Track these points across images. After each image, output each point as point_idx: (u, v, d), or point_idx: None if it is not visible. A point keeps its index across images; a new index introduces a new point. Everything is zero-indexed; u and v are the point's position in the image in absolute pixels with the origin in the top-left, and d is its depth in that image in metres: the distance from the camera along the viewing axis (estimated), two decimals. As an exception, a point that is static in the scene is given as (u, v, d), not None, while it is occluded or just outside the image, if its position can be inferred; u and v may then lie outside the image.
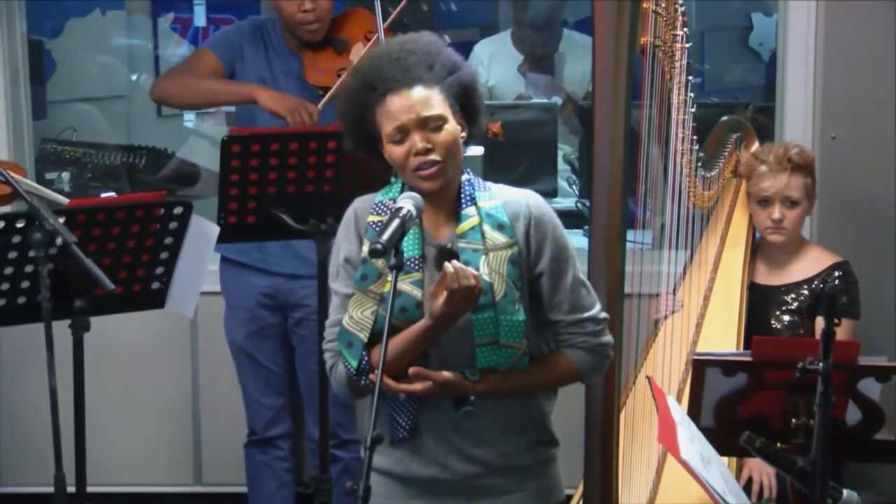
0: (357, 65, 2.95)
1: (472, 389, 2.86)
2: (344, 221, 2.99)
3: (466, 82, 2.91)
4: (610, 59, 3.33)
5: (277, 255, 4.22)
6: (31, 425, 4.23)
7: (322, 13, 4.15)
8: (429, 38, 2.94)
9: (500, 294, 2.84)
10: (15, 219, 3.06)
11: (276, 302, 4.32)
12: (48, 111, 5.80)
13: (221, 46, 4.31)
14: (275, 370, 4.39)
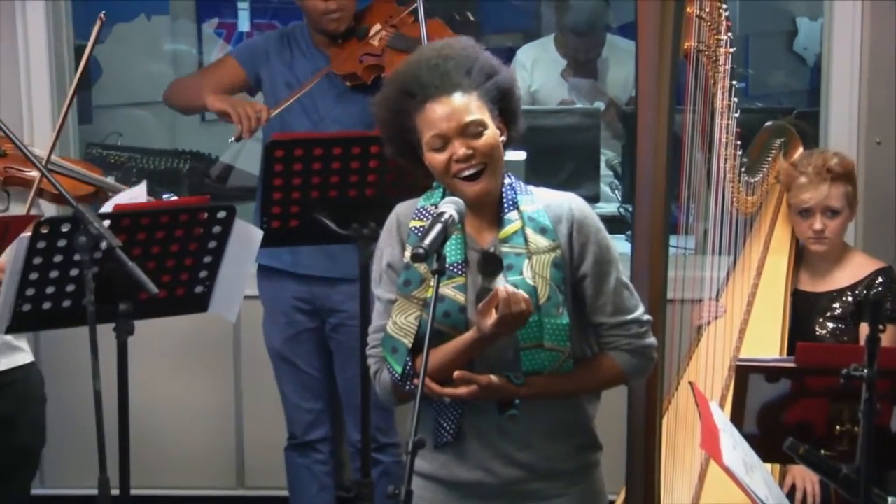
0: (395, 71, 2.95)
1: (517, 393, 2.86)
2: (386, 227, 3.00)
3: (504, 86, 2.90)
4: (653, 64, 3.32)
5: (310, 258, 4.24)
6: (75, 428, 4.26)
7: (345, 2, 4.21)
8: (466, 43, 2.94)
9: (543, 298, 2.83)
10: (60, 223, 3.08)
11: (312, 307, 4.33)
12: (94, 116, 5.84)
13: (245, 55, 4.40)
14: (313, 374, 4.40)
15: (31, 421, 3.98)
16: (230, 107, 4.13)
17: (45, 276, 3.13)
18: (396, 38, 4.23)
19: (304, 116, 4.22)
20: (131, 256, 2.99)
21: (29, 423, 3.97)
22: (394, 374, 2.87)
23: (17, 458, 3.95)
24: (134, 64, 6.32)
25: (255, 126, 4.11)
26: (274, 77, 4.30)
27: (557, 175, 4.97)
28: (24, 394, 3.95)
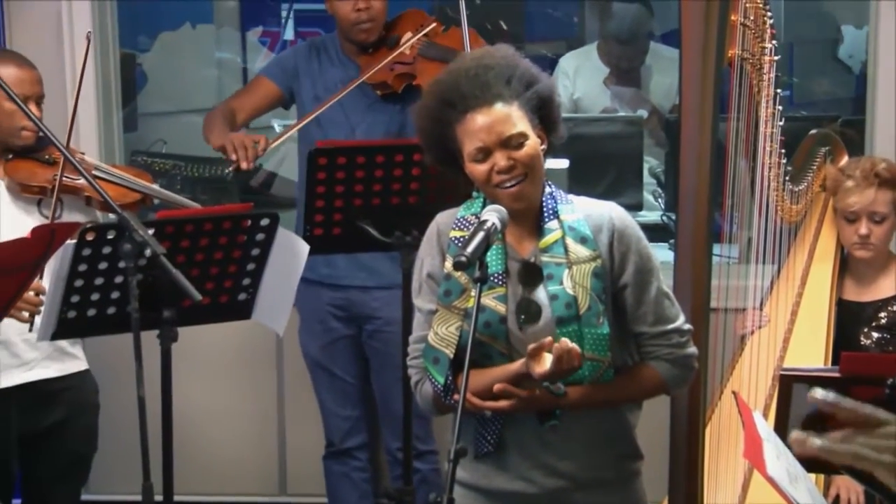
0: (435, 80, 2.95)
1: (558, 403, 2.85)
2: (426, 237, 3.00)
3: (545, 94, 2.90)
4: (697, 72, 3.31)
5: (345, 268, 4.26)
6: (119, 435, 4.27)
7: (376, 13, 4.24)
8: (505, 52, 2.93)
9: (584, 307, 2.83)
10: (105, 230, 3.10)
11: (348, 314, 4.35)
12: (139, 124, 5.88)
13: (275, 71, 4.44)
14: (350, 381, 4.41)
15: (83, 428, 4.01)
16: (227, 142, 4.16)
17: (90, 282, 3.15)
18: (428, 46, 4.24)
19: (336, 128, 4.23)
20: (175, 263, 3.00)
21: (82, 430, 4.00)
22: (436, 385, 2.87)
23: (69, 464, 3.98)
24: (179, 72, 6.36)
25: (251, 155, 4.12)
26: (305, 88, 4.32)
27: (600, 183, 4.95)
28: (78, 401, 3.98)
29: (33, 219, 3.80)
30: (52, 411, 3.90)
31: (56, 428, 3.91)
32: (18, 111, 3.70)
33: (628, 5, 5.79)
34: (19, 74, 3.76)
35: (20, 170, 3.81)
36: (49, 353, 3.87)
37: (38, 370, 3.87)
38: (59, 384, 3.91)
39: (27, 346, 3.79)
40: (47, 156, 3.85)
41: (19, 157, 3.84)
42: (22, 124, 3.77)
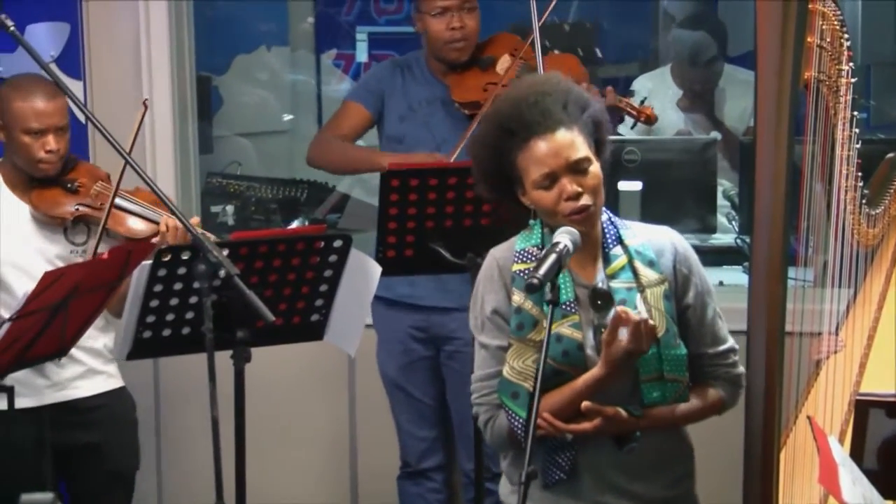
0: (492, 110, 2.95)
1: (637, 425, 2.84)
2: (485, 274, 2.98)
3: (598, 118, 2.90)
4: (773, 94, 3.28)
5: (426, 289, 4.25)
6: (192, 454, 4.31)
7: (469, 32, 4.25)
8: (557, 77, 2.94)
9: (661, 330, 2.83)
10: (181, 251, 3.13)
11: (427, 335, 4.35)
12: (214, 145, 5.93)
13: (363, 95, 4.45)
14: (427, 403, 4.41)
15: (122, 445, 4.06)
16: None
17: (165, 303, 3.18)
18: (526, 69, 4.23)
19: (421, 146, 4.24)
20: (249, 284, 3.03)
21: (120, 447, 4.05)
22: (517, 419, 2.85)
23: (109, 481, 4.03)
24: (254, 94, 6.41)
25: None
26: (390, 107, 4.34)
27: (673, 206, 4.93)
28: (114, 418, 4.04)
29: (59, 245, 3.88)
30: (87, 429, 3.96)
31: (93, 445, 3.97)
32: (36, 143, 3.80)
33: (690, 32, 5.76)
34: (39, 107, 3.81)
35: (45, 199, 3.87)
36: (80, 373, 3.93)
37: (70, 390, 3.94)
38: (92, 402, 3.97)
39: (56, 367, 3.83)
40: (70, 184, 3.90)
41: (44, 185, 3.90)
42: (39, 156, 3.83)
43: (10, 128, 3.85)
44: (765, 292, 3.33)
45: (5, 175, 3.93)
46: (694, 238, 4.80)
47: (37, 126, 3.81)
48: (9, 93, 3.87)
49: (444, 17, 4.23)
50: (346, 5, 6.70)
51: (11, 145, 3.87)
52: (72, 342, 3.48)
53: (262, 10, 6.52)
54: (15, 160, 3.90)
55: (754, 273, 3.36)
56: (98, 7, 4.89)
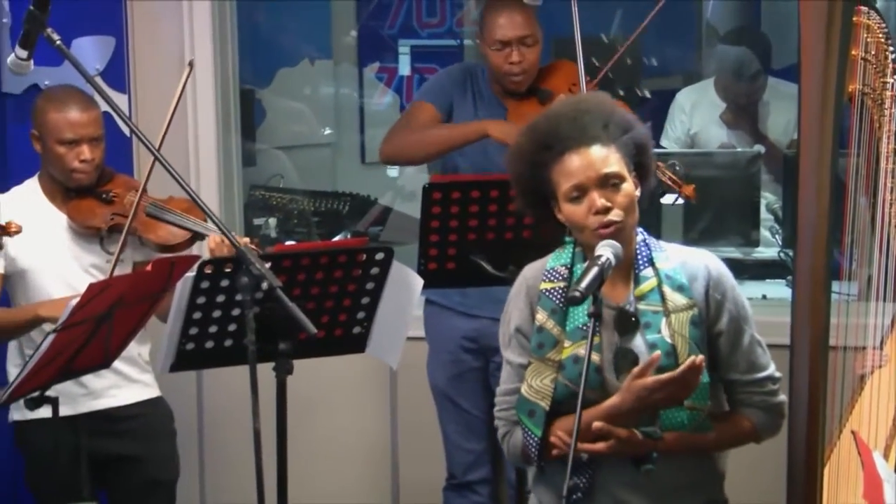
0: (531, 124, 2.95)
1: (654, 447, 2.83)
2: (514, 291, 3.00)
3: (640, 141, 2.89)
4: (817, 107, 3.27)
5: (477, 299, 4.24)
6: (234, 466, 4.32)
7: (529, 65, 4.20)
8: (602, 97, 2.94)
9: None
10: (223, 263, 3.15)
11: (478, 345, 4.33)
12: (257, 158, 5.96)
13: (435, 95, 4.38)
14: (476, 414, 4.39)
15: (161, 455, 4.08)
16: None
17: (208, 315, 3.20)
18: None
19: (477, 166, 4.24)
20: (291, 297, 3.03)
21: (159, 456, 4.07)
22: (532, 437, 2.86)
23: (148, 491, 4.05)
24: (297, 107, 6.44)
25: None
26: (460, 115, 4.31)
27: (716, 219, 4.91)
28: (150, 427, 4.07)
29: (95, 255, 3.91)
30: (123, 438, 3.99)
31: (130, 454, 3.99)
32: (70, 153, 3.85)
33: (733, 48, 5.74)
34: (73, 118, 3.86)
35: (80, 210, 3.91)
36: (115, 382, 3.97)
37: (106, 399, 3.97)
38: (128, 411, 4.00)
39: (93, 377, 3.86)
40: (105, 195, 3.93)
41: (80, 195, 3.93)
42: (73, 166, 3.87)
43: (45, 138, 3.90)
44: (808, 306, 3.31)
45: (43, 185, 3.98)
46: (737, 252, 4.78)
47: (70, 136, 3.85)
48: (44, 104, 3.92)
49: (503, 51, 4.19)
50: (388, 19, 6.72)
51: (47, 156, 3.92)
52: (115, 354, 3.50)
53: (306, 24, 6.55)
54: (51, 171, 3.94)
55: (798, 287, 3.34)
56: (143, 21, 4.93)
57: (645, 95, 6.07)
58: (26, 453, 4.00)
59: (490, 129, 4.12)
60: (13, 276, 3.91)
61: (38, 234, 3.88)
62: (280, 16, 6.42)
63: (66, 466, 3.81)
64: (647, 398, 2.76)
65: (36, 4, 3.09)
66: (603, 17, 6.38)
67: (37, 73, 4.46)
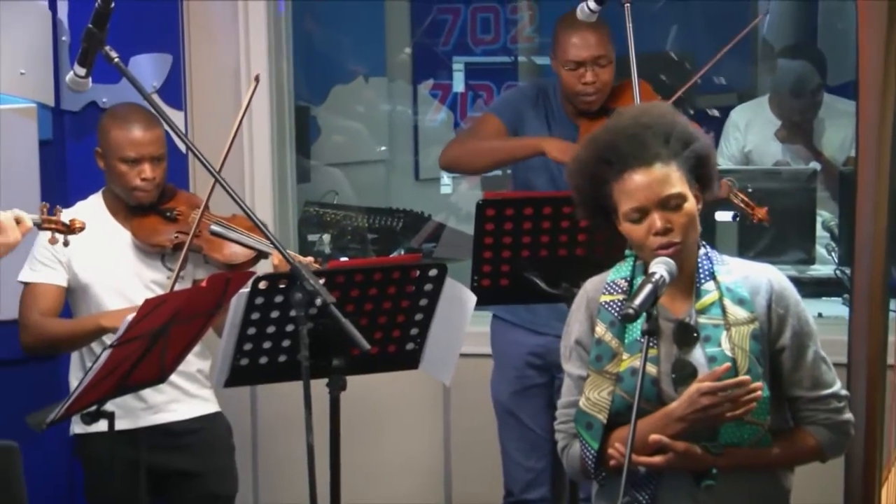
0: (591, 137, 2.94)
1: (713, 463, 2.81)
2: (575, 304, 3.00)
3: (702, 153, 2.87)
4: (874, 123, 3.25)
5: (546, 315, 4.22)
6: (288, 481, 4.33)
7: (602, 85, 4.17)
8: (663, 110, 2.92)
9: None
10: (278, 279, 3.16)
11: (544, 362, 4.31)
12: (311, 175, 5.99)
13: (505, 111, 4.37)
14: (538, 432, 4.35)
15: (219, 470, 4.10)
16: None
17: (262, 331, 3.21)
18: None
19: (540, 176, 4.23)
20: (345, 313, 3.04)
21: (217, 471, 4.09)
22: (589, 450, 2.85)
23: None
24: (351, 124, 6.46)
25: None
26: (531, 132, 4.29)
27: (772, 236, 4.88)
28: (209, 442, 4.09)
29: (157, 272, 3.95)
30: (182, 453, 4.01)
31: (189, 469, 4.01)
32: (132, 171, 3.89)
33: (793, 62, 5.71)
34: (135, 136, 3.90)
35: (144, 227, 3.95)
36: (175, 397, 3.99)
37: (165, 413, 3.99)
38: (187, 426, 4.02)
39: (152, 390, 3.88)
40: (168, 212, 3.96)
41: (143, 213, 3.97)
42: (135, 184, 3.90)
43: (108, 156, 3.94)
44: (865, 324, 3.29)
45: (107, 202, 4.02)
46: (793, 269, 4.75)
47: (133, 155, 3.89)
48: (108, 122, 3.96)
49: (576, 71, 4.16)
50: (443, 36, 6.73)
51: (110, 174, 3.96)
52: (171, 369, 3.52)
53: (360, 41, 6.57)
54: (113, 188, 3.98)
55: (855, 305, 3.32)
56: (200, 39, 4.97)
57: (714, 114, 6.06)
58: (86, 466, 4.04)
59: (546, 146, 4.10)
60: (76, 291, 3.95)
61: (102, 249, 3.92)
62: (335, 33, 6.45)
63: (124, 480, 3.83)
64: (697, 402, 2.74)
65: (94, 23, 3.13)
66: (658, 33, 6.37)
67: (95, 91, 4.50)
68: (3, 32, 4.46)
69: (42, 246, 3.87)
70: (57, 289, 3.93)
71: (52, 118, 4.61)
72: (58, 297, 3.93)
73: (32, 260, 3.92)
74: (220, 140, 3.99)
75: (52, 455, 4.54)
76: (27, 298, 3.92)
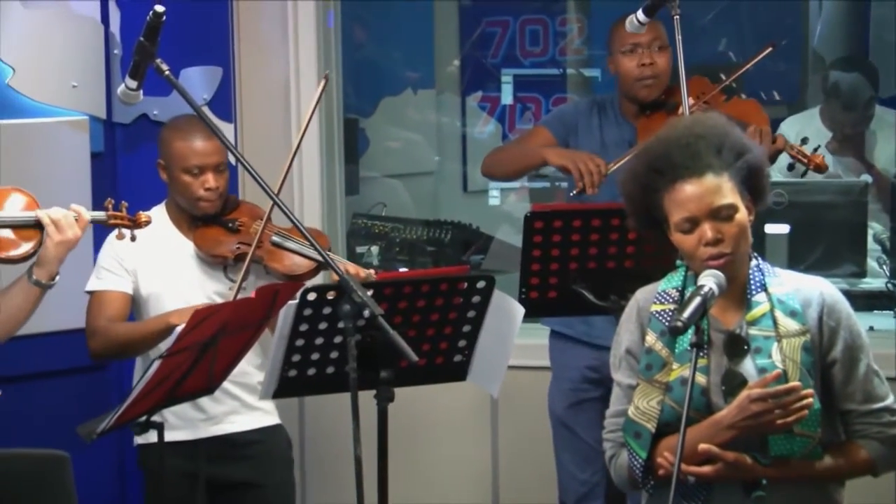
0: (644, 147, 2.94)
1: (763, 473, 2.79)
2: (626, 313, 2.99)
3: (754, 164, 2.86)
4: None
5: (602, 328, 4.21)
6: (336, 492, 4.34)
7: (659, 70, 4.25)
8: (716, 120, 2.91)
9: (794, 381, 2.77)
10: (326, 291, 3.17)
11: (600, 375, 4.29)
12: (360, 187, 6.00)
13: (555, 124, 4.44)
14: (592, 445, 4.32)
15: (277, 482, 4.10)
16: (570, 162, 4.16)
17: (310, 342, 3.21)
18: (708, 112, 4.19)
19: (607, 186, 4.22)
20: (393, 324, 3.04)
21: (275, 484, 4.09)
22: (637, 459, 2.84)
23: None
24: (400, 136, 6.47)
25: (597, 181, 4.11)
26: (581, 145, 4.32)
27: (822, 249, 4.85)
28: (268, 455, 4.09)
29: (219, 283, 3.96)
30: (241, 465, 4.02)
31: (248, 481, 4.01)
32: (195, 182, 3.91)
33: (845, 74, 5.67)
34: (197, 146, 3.92)
35: (207, 238, 3.96)
36: (235, 408, 4.00)
37: (225, 424, 4.00)
38: (247, 437, 4.02)
39: (211, 401, 3.90)
40: (230, 223, 3.97)
41: (206, 224, 3.98)
42: (198, 194, 3.92)
43: (171, 167, 3.96)
44: (917, 338, 3.26)
45: (171, 213, 4.04)
46: (843, 283, 4.72)
47: (196, 165, 3.91)
48: (169, 133, 3.98)
49: (634, 54, 4.24)
50: (492, 48, 6.74)
51: (173, 185, 3.98)
52: (220, 379, 3.54)
53: (409, 54, 6.59)
54: (177, 199, 4.00)
55: (906, 318, 3.29)
56: (250, 52, 5.01)
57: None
58: (146, 476, 4.04)
59: (547, 154, 4.23)
60: (139, 301, 3.98)
61: (165, 260, 3.95)
62: (384, 45, 6.47)
63: (184, 491, 3.86)
64: (748, 409, 2.73)
65: (146, 36, 3.15)
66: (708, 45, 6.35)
67: (146, 103, 4.54)
68: (56, 46, 4.51)
69: (108, 255, 3.91)
70: (124, 295, 3.95)
71: (104, 130, 4.65)
72: (125, 303, 3.95)
73: (99, 269, 3.95)
74: (270, 152, 4.02)
75: (103, 465, 4.57)
76: (94, 306, 3.94)
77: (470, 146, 6.63)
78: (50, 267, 3.52)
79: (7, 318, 3.55)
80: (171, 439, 3.86)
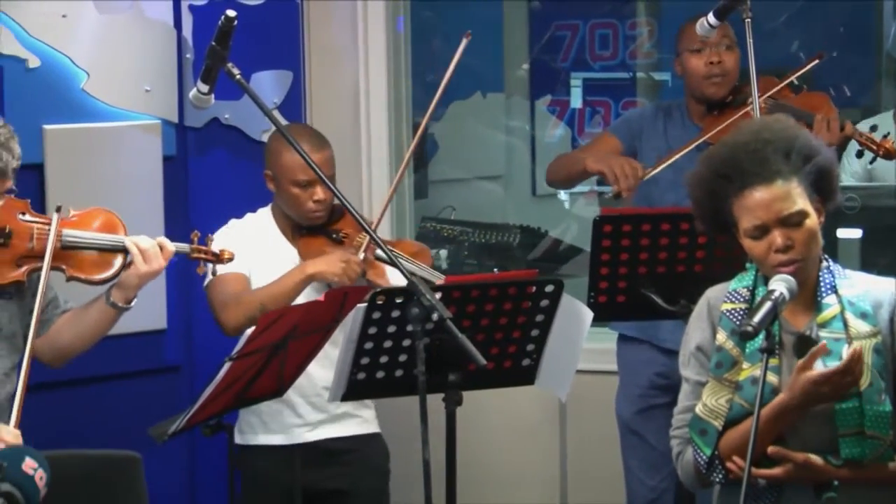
0: (710, 152, 2.93)
1: (835, 474, 2.77)
2: (696, 311, 2.98)
3: (823, 167, 2.83)
4: None
5: (669, 330, 4.19)
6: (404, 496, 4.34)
7: (728, 68, 4.26)
8: (785, 123, 2.88)
9: (865, 384, 2.75)
10: (395, 294, 3.18)
11: (670, 381, 4.26)
12: (429, 190, 6.01)
13: (622, 130, 4.48)
14: (661, 451, 4.30)
15: (370, 492, 4.09)
16: (606, 167, 4.17)
17: (379, 345, 3.23)
18: (775, 107, 4.18)
19: (671, 190, 4.20)
20: (461, 328, 3.04)
21: (368, 493, 4.08)
22: (701, 456, 2.83)
23: None
24: (469, 140, 6.47)
25: (633, 184, 4.11)
26: (648, 149, 4.33)
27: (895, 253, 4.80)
28: (363, 463, 4.08)
29: (319, 292, 3.94)
30: (336, 472, 4.01)
31: (342, 489, 4.01)
32: (304, 194, 3.90)
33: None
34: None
35: (311, 248, 3.96)
36: (334, 415, 3.99)
37: (321, 430, 3.99)
38: (343, 445, 4.01)
39: (311, 409, 3.92)
40: (335, 234, 3.97)
41: (311, 232, 3.98)
42: (307, 207, 3.92)
43: (279, 179, 3.95)
44: None
45: (277, 219, 4.05)
46: (916, 287, 4.66)
47: (305, 178, 3.90)
48: (278, 145, 3.94)
49: (702, 53, 4.25)
50: (561, 52, 6.72)
51: (281, 196, 3.98)
52: (289, 383, 3.55)
53: (478, 57, 6.57)
54: (285, 210, 4.00)
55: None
56: (320, 56, 5.03)
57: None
58: (244, 477, 4.01)
59: (588, 162, 4.23)
60: None
61: (269, 264, 3.94)
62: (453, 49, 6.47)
63: (279, 495, 3.88)
64: (814, 392, 2.71)
65: (217, 40, 3.18)
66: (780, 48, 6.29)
67: (217, 107, 4.57)
68: (129, 50, 4.56)
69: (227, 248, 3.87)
70: (244, 276, 3.92)
71: (176, 134, 4.69)
72: (246, 282, 3.92)
73: None
74: (339, 155, 4.03)
75: (174, 466, 4.61)
76: (217, 287, 3.88)
77: (539, 150, 6.61)
78: (129, 293, 3.55)
79: (81, 334, 3.60)
80: (266, 443, 3.90)
